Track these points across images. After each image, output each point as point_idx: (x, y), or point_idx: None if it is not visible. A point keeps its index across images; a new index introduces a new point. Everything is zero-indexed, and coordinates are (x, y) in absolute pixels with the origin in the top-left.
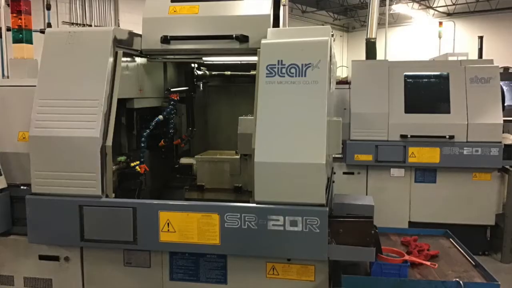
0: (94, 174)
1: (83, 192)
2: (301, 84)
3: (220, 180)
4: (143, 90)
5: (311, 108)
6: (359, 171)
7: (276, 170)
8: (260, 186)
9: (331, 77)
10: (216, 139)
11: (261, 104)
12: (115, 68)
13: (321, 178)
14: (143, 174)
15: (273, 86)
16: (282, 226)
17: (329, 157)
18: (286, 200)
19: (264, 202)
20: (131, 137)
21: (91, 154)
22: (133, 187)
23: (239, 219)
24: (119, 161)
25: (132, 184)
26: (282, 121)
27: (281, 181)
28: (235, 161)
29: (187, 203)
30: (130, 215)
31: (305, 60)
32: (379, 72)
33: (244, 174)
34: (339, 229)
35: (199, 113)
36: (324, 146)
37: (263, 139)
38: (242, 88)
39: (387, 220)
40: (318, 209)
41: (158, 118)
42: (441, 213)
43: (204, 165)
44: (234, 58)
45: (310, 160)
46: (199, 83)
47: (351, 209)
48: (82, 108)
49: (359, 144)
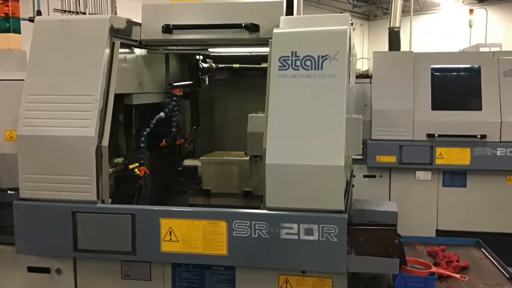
0: (88, 177)
1: (77, 197)
2: (317, 78)
3: (228, 184)
4: (142, 85)
5: (328, 105)
6: (381, 174)
7: (290, 173)
8: (272, 191)
9: (351, 70)
10: (224, 139)
11: (273, 100)
12: (111, 60)
13: (339, 181)
14: (143, 177)
15: (286, 80)
16: (296, 235)
17: (348, 158)
18: (300, 206)
19: (276, 208)
20: (129, 137)
21: (85, 155)
22: (131, 191)
23: (248, 227)
24: (116, 163)
25: (130, 189)
26: (296, 119)
27: (295, 185)
28: (244, 163)
29: (192, 209)
30: (129, 222)
31: (322, 51)
32: (404, 65)
33: (254, 177)
34: (359, 238)
35: (205, 110)
36: (343, 147)
37: (275, 138)
38: (252, 82)
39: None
40: (336, 216)
41: (159, 115)
42: (472, 220)
43: (210, 168)
44: (243, 50)
45: (327, 162)
46: (204, 77)
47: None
48: (75, 105)
49: (381, 144)
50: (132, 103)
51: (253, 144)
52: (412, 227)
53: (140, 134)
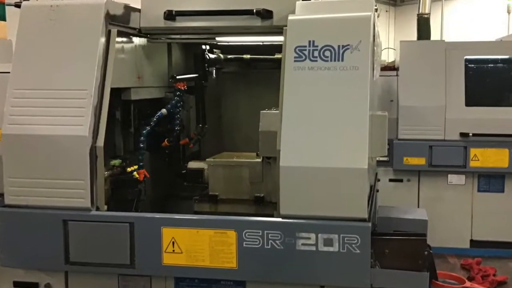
0: (81, 181)
1: (68, 204)
2: (337, 70)
3: (238, 189)
4: (142, 78)
5: (349, 100)
6: (409, 178)
7: (307, 176)
8: (287, 196)
9: (375, 62)
10: (233, 139)
11: (288, 95)
12: (107, 50)
13: (362, 186)
14: (142, 181)
15: (303, 73)
16: (314, 246)
17: (372, 160)
18: (319, 213)
19: (292, 216)
20: (127, 136)
21: (78, 156)
22: (130, 197)
23: (260, 237)
24: (113, 166)
25: (128, 194)
26: (314, 116)
27: (313, 190)
28: (256, 166)
29: (197, 217)
30: (127, 232)
31: (343, 40)
32: (434, 56)
33: (267, 181)
34: (384, 249)
35: (212, 106)
36: (366, 147)
37: (291, 138)
38: (265, 75)
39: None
40: (359, 225)
41: (160, 112)
42: (511, 229)
43: (217, 171)
44: (254, 38)
45: (349, 165)
46: (211, 69)
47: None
48: (67, 100)
49: (409, 144)
50: (130, 98)
51: (266, 144)
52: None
53: (139, 133)
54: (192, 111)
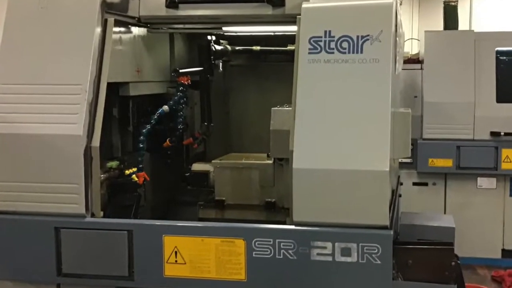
0: (75, 185)
1: (61, 210)
2: (356, 63)
3: (246, 193)
4: (141, 72)
5: (369, 96)
6: (434, 182)
7: (323, 180)
8: (301, 202)
9: (397, 54)
10: (241, 138)
11: (302, 90)
12: (104, 41)
13: (383, 190)
14: (142, 185)
15: (318, 66)
16: (331, 256)
17: (394, 162)
18: (335, 220)
19: (306, 224)
20: (125, 136)
21: (71, 158)
22: (128, 202)
23: (272, 246)
24: (110, 168)
25: (127, 199)
26: (330, 114)
27: (329, 195)
28: (267, 168)
29: (202, 224)
30: (125, 240)
31: (362, 30)
32: (462, 47)
33: (278, 185)
34: (407, 259)
35: (218, 102)
36: (388, 148)
37: (305, 137)
38: (276, 68)
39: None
40: (379, 233)
41: (162, 109)
42: None
43: (224, 173)
44: (265, 28)
45: (369, 167)
46: (217, 62)
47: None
48: (59, 96)
49: (435, 144)
50: (128, 94)
51: (277, 144)
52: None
53: (138, 132)
54: (197, 108)
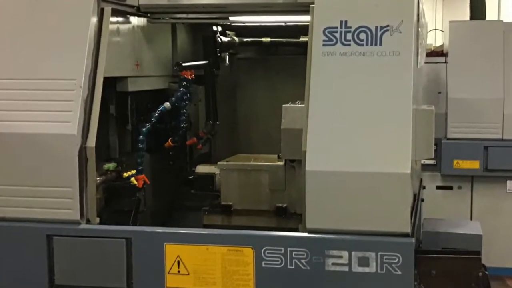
0: (69, 189)
1: (53, 216)
2: (374, 56)
3: (255, 198)
4: (141, 65)
5: (389, 92)
6: (460, 185)
7: (338, 183)
8: (314, 207)
9: (419, 46)
10: (249, 138)
11: (316, 86)
12: (100, 32)
13: (405, 194)
14: (142, 189)
15: (334, 60)
16: (347, 266)
17: (416, 164)
18: (352, 227)
19: (320, 231)
20: (123, 135)
21: (65, 159)
22: (126, 207)
23: (283, 255)
24: (107, 170)
25: (125, 204)
26: (346, 111)
27: (345, 200)
28: (277, 170)
29: (207, 231)
30: (123, 249)
31: (381, 21)
32: (490, 39)
33: (290, 189)
34: (430, 270)
35: (224, 98)
36: (409, 148)
37: (319, 137)
38: (288, 62)
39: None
40: (400, 241)
41: (163, 106)
42: None
43: (231, 176)
44: (275, 18)
45: (389, 169)
46: (224, 54)
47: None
48: (51, 92)
49: (461, 145)
50: (127, 89)
51: (289, 144)
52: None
53: (138, 131)
54: (201, 104)
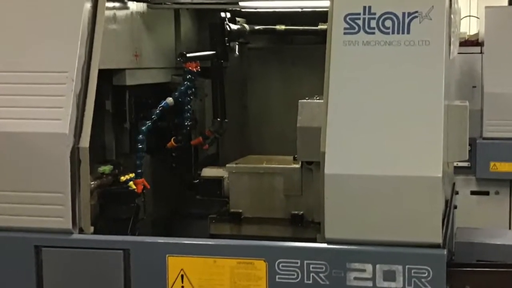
0: (60, 194)
1: (42, 225)
2: (401, 45)
3: (268, 204)
4: (140, 57)
5: (418, 86)
6: (497, 190)
7: (361, 188)
8: (334, 215)
9: (452, 35)
10: (261, 137)
11: (336, 79)
12: (94, 19)
13: (435, 201)
14: (141, 194)
15: (356, 50)
16: (371, 281)
17: (448, 166)
18: (376, 237)
19: (341, 241)
20: (121, 134)
21: (55, 161)
22: (124, 215)
23: (299, 268)
24: (102, 174)
25: (123, 211)
26: (369, 107)
27: (369, 207)
28: (293, 174)
29: (214, 242)
30: (120, 261)
31: (409, 6)
32: None
33: (307, 194)
34: (464, 284)
35: (234, 93)
36: (440, 149)
37: (339, 136)
38: (304, 52)
39: None
40: (430, 253)
41: (165, 102)
42: None
43: (241, 180)
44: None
45: (418, 172)
46: (233, 44)
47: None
48: (39, 86)
49: (498, 145)
50: (125, 83)
51: (306, 144)
52: None
53: (137, 130)
54: (208, 100)
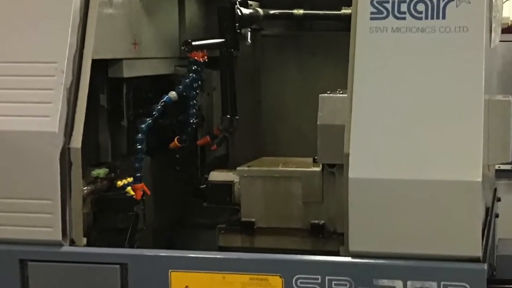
0: (48, 201)
1: (28, 236)
2: (436, 32)
3: (285, 212)
4: (140, 45)
5: (454, 78)
6: None
7: (389, 194)
8: (360, 224)
9: (493, 20)
10: (277, 136)
11: (361, 70)
12: (88, 3)
13: (474, 208)
14: (141, 201)
15: (384, 37)
16: None
17: (489, 169)
18: (407, 250)
19: (368, 255)
20: (117, 133)
21: (42, 163)
22: (121, 225)
23: (319, 285)
24: (96, 178)
25: (120, 221)
26: (399, 102)
27: (399, 216)
28: (313, 178)
29: (223, 255)
30: (117, 277)
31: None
32: None
33: (329, 201)
34: None
35: (246, 87)
36: (480, 150)
37: (365, 135)
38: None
39: None
40: (469, 267)
41: (168, 96)
42: None
43: (254, 185)
44: None
45: (454, 176)
46: (245, 31)
47: None
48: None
49: None
50: (122, 75)
51: (327, 144)
52: None
53: (135, 128)
54: (216, 94)
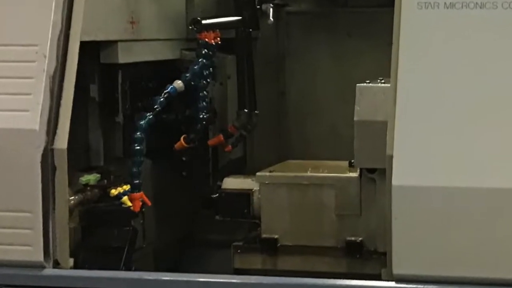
0: (27, 214)
1: (3, 256)
2: (498, 8)
3: (314, 227)
4: (138, 24)
5: None
6: None
7: (441, 205)
8: (405, 242)
9: None
10: (304, 135)
11: (408, 55)
12: None
13: None
14: (139, 213)
15: (435, 14)
16: None
17: None
18: (464, 273)
19: (415, 278)
20: (111, 131)
21: (20, 168)
22: (116, 243)
23: None
24: (86, 185)
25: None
26: (453, 94)
27: (453, 231)
28: (348, 185)
29: (240, 280)
30: None
31: None
32: None
33: (368, 213)
34: None
35: (267, 75)
36: None
37: (412, 134)
38: (364, 18)
39: None
40: None
41: (172, 86)
42: None
43: (277, 194)
44: None
45: None
46: (266, 6)
47: None
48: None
49: None
50: (117, 61)
51: (366, 145)
52: None
53: (133, 125)
54: (231, 84)
